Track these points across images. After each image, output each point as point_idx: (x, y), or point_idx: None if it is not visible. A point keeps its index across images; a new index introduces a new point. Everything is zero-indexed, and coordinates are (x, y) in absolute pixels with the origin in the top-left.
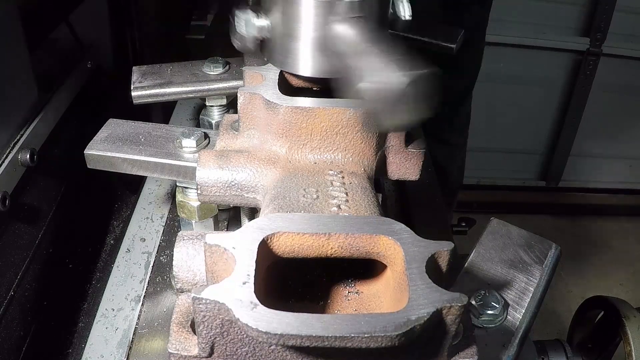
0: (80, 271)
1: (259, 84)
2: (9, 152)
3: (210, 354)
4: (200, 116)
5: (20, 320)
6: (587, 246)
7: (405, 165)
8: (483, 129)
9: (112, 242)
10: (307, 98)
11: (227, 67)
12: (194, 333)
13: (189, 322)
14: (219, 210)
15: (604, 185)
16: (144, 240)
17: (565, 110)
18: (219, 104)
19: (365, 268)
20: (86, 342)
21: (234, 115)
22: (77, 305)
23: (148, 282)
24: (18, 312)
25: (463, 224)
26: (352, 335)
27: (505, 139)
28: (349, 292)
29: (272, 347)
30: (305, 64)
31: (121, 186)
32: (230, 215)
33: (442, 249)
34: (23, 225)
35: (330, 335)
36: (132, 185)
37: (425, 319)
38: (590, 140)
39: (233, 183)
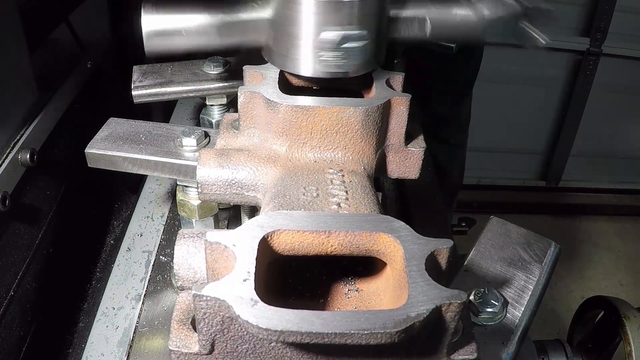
0: (80, 271)
1: (259, 83)
2: (9, 152)
3: (211, 351)
4: (201, 115)
5: (20, 320)
6: (587, 246)
7: (405, 163)
8: (483, 129)
9: (112, 241)
10: (307, 97)
11: (227, 66)
12: (195, 330)
13: (190, 320)
14: (219, 209)
15: (604, 185)
16: (144, 238)
17: (565, 110)
18: (219, 103)
19: (365, 266)
20: (87, 341)
21: (234, 114)
22: (77, 305)
23: (148, 280)
24: (18, 312)
25: (463, 224)
26: (352, 332)
27: (505, 139)
28: (348, 290)
29: (272, 344)
30: (306, 64)
31: (121, 186)
32: (230, 214)
33: (442, 246)
34: (23, 225)
35: (330, 332)
36: (132, 184)
37: (425, 315)
38: (590, 140)
39: (233, 181)
